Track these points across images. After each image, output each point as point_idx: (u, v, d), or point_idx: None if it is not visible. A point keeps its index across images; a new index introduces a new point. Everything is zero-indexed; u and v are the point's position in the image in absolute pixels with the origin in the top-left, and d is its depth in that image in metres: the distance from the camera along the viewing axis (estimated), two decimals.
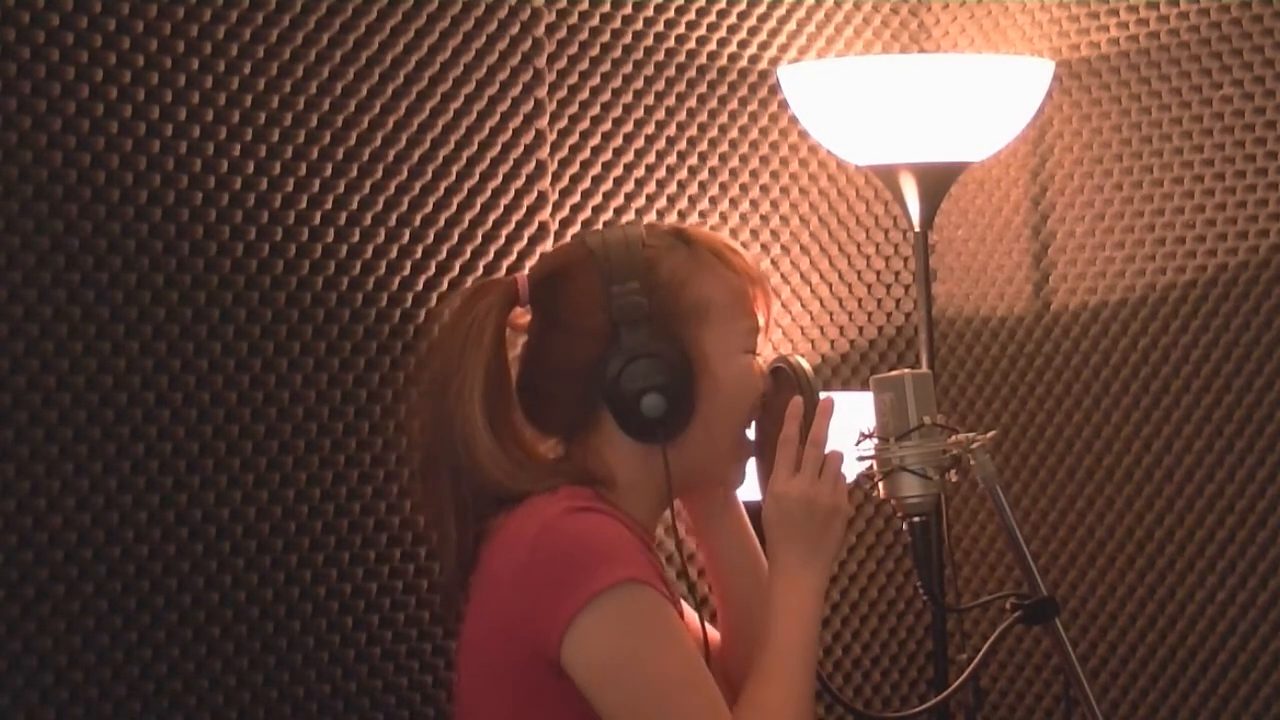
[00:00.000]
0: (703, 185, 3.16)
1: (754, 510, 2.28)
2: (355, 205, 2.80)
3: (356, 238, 2.79)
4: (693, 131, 3.14)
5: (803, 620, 2.14)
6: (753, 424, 2.29)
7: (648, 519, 2.23)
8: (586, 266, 2.20)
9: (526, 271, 2.29)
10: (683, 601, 2.27)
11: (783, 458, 2.16)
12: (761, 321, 2.25)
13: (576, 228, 3.00)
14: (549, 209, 2.98)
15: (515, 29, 2.94)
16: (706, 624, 2.28)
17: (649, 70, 3.09)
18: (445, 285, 2.86)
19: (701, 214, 3.15)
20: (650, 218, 3.08)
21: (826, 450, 2.18)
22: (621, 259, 2.18)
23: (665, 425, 2.16)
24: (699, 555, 2.41)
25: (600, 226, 2.97)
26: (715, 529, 2.33)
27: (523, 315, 2.25)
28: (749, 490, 2.31)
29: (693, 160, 3.14)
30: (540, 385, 2.21)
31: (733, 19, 3.19)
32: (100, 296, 2.58)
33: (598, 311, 2.16)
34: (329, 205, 2.77)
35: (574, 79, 3.01)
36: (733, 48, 3.19)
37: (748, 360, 2.22)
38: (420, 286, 2.84)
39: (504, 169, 2.93)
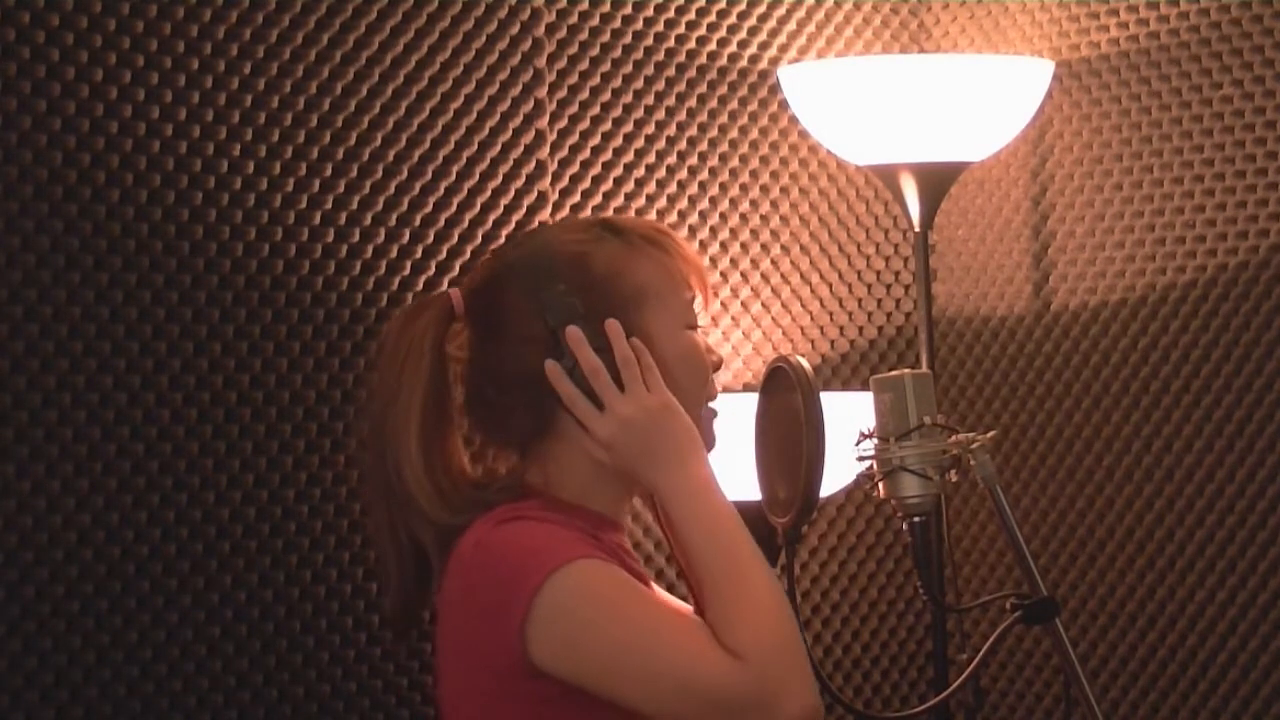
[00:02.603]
0: (703, 185, 3.16)
1: (751, 510, 2.27)
2: (355, 205, 2.80)
3: (356, 238, 2.80)
4: (693, 131, 3.14)
5: (709, 517, 2.09)
6: (753, 422, 2.29)
7: (615, 511, 2.22)
8: (515, 274, 2.19)
9: (457, 286, 2.26)
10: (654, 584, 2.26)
11: (581, 409, 2.14)
12: (700, 297, 2.24)
13: None
14: (549, 209, 2.98)
15: (515, 29, 2.95)
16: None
17: (649, 70, 3.09)
18: (444, 285, 2.86)
19: (701, 214, 3.15)
20: (650, 218, 3.08)
21: (617, 366, 2.14)
22: (545, 262, 2.17)
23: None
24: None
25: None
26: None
27: (461, 331, 2.23)
28: (748, 489, 2.31)
29: (693, 160, 3.14)
30: (493, 398, 2.20)
31: (733, 19, 3.19)
32: (100, 296, 2.58)
33: (534, 317, 2.16)
34: (329, 205, 2.77)
35: (574, 79, 3.02)
36: (733, 48, 3.19)
37: (690, 335, 2.21)
38: (420, 286, 2.84)
39: (504, 169, 2.93)
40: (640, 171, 3.09)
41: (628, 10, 3.07)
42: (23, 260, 2.53)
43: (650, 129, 3.10)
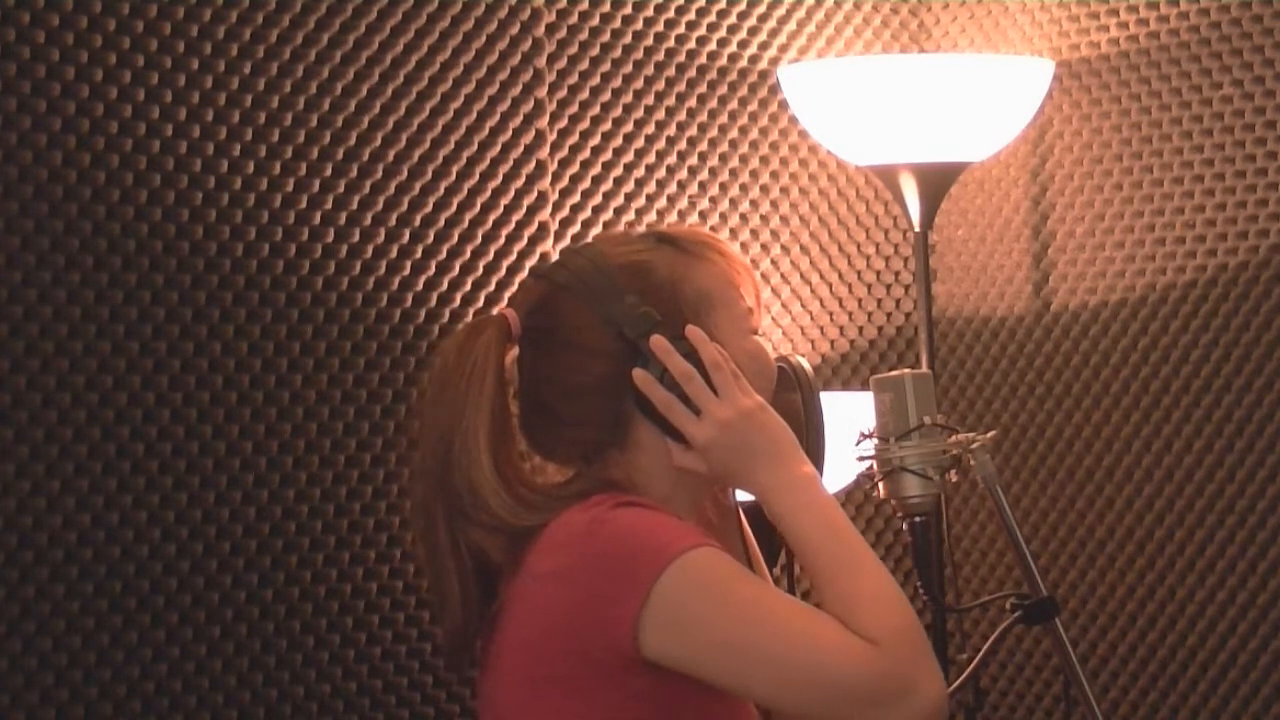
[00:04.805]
0: (703, 185, 3.16)
1: (752, 509, 2.27)
2: (355, 205, 2.80)
3: (356, 238, 2.80)
4: (693, 131, 3.14)
5: (821, 510, 2.09)
6: None
7: (689, 518, 2.21)
8: (575, 288, 2.17)
9: (510, 305, 2.26)
10: None
11: (678, 415, 2.14)
12: (752, 304, 2.24)
13: (576, 228, 3.00)
14: (549, 209, 2.98)
15: (515, 29, 2.95)
16: None
17: (649, 70, 3.09)
18: (445, 285, 2.86)
19: (701, 214, 3.15)
20: (650, 218, 3.08)
21: (706, 369, 2.14)
22: (606, 274, 2.17)
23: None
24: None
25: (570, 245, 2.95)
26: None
27: (513, 349, 2.22)
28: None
29: (693, 160, 3.14)
30: (562, 411, 2.18)
31: (733, 19, 3.19)
32: (100, 296, 2.58)
33: (601, 329, 2.15)
34: (329, 205, 2.77)
35: (574, 79, 3.02)
36: (733, 48, 3.19)
37: (755, 340, 2.22)
38: (420, 286, 2.84)
39: (504, 169, 2.93)
40: (640, 171, 3.09)
41: (628, 10, 3.07)
42: (23, 260, 2.53)
43: (650, 129, 3.10)
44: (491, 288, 2.91)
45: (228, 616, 2.68)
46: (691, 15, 3.14)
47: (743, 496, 2.24)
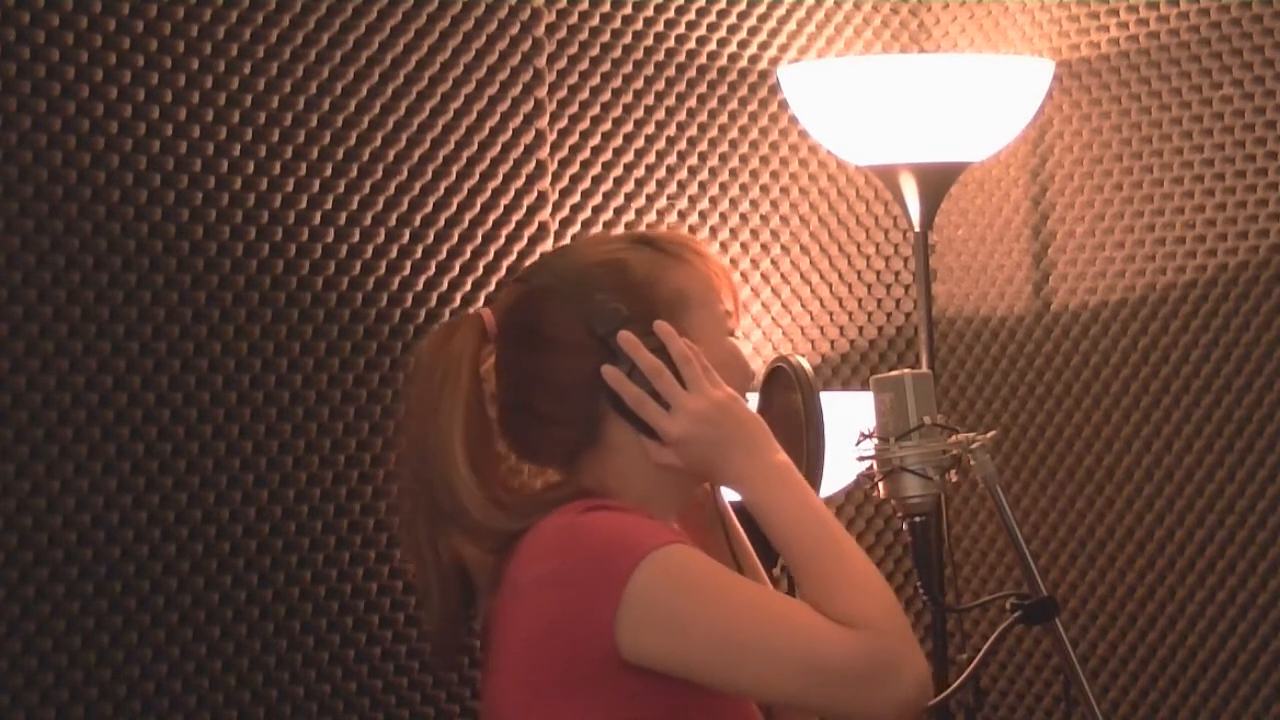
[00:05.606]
0: (703, 185, 3.16)
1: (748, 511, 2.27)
2: (355, 205, 2.80)
3: (356, 238, 2.80)
4: (693, 131, 3.14)
5: (798, 497, 2.10)
6: None
7: (668, 518, 2.21)
8: (553, 287, 2.17)
9: (488, 307, 2.25)
10: None
11: (649, 410, 2.13)
12: (730, 306, 2.24)
13: (577, 228, 3.01)
14: (549, 209, 2.98)
15: (515, 29, 2.95)
16: None
17: (649, 70, 3.10)
18: (445, 285, 2.86)
19: (701, 214, 3.15)
20: (650, 218, 3.08)
21: (675, 363, 2.14)
22: (583, 272, 2.16)
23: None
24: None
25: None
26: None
27: (490, 353, 2.22)
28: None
29: (693, 160, 3.14)
30: (542, 411, 2.18)
31: (733, 19, 3.19)
32: (100, 296, 2.58)
33: (577, 327, 2.15)
34: (329, 205, 2.77)
35: (574, 79, 3.02)
36: (733, 48, 3.19)
37: (732, 342, 2.22)
38: (420, 286, 2.84)
39: (504, 169, 2.93)
40: (640, 171, 3.09)
41: (628, 10, 3.07)
42: (23, 260, 2.53)
43: (650, 129, 3.10)
44: (491, 288, 2.91)
45: (228, 616, 2.68)
46: (691, 15, 3.14)
47: (736, 498, 2.24)
